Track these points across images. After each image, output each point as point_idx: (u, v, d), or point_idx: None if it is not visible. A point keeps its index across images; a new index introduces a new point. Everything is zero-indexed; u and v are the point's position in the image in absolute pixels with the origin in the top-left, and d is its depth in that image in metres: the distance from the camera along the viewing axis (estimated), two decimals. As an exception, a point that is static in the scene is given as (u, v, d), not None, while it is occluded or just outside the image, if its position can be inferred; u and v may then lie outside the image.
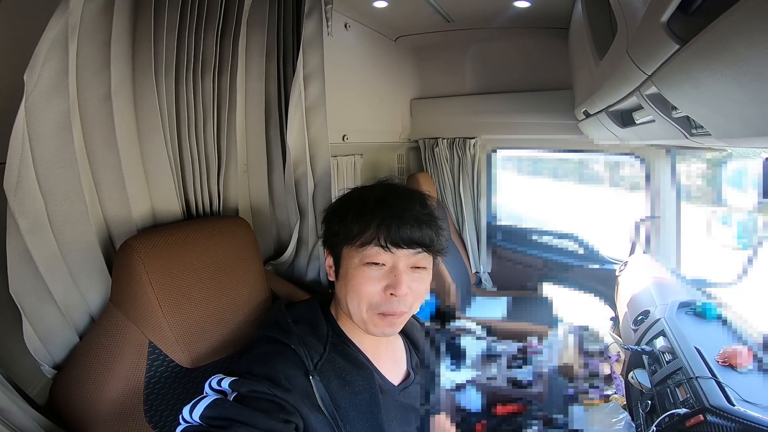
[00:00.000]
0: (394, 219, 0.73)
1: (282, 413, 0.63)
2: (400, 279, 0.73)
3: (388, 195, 0.78)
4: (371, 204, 0.76)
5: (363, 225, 0.74)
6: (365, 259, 0.74)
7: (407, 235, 0.73)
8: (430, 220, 0.76)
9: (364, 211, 0.75)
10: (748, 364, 1.05)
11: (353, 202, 0.79)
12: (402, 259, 0.74)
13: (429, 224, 0.76)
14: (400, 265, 0.74)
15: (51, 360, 0.80)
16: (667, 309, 1.39)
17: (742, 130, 0.62)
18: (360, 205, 0.76)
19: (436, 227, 0.77)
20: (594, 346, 1.64)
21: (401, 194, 0.79)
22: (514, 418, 1.46)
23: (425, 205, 0.79)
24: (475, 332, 1.95)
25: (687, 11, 0.53)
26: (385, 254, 0.73)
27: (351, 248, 0.75)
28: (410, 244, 0.73)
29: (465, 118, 2.67)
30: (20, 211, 0.68)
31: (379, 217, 0.73)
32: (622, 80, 0.94)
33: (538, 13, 2.08)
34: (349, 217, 0.76)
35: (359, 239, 0.74)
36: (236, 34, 0.99)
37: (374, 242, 0.73)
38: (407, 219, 0.73)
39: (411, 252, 0.74)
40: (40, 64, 0.65)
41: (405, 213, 0.74)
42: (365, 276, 0.74)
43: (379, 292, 0.74)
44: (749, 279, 1.61)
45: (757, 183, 1.62)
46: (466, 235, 2.78)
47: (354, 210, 0.76)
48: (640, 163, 2.24)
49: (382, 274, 0.74)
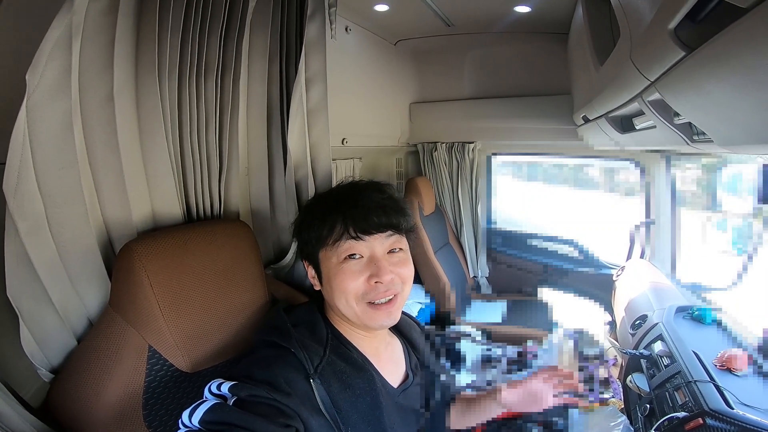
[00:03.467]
0: (358, 209, 0.77)
1: (282, 417, 0.63)
2: (381, 266, 0.76)
3: (345, 191, 0.82)
4: (333, 203, 0.80)
5: (331, 223, 0.77)
6: (342, 254, 0.76)
7: (374, 221, 0.76)
8: (392, 203, 0.80)
9: (328, 211, 0.79)
10: (745, 368, 1.06)
11: (315, 208, 0.83)
12: (377, 246, 0.77)
13: (392, 207, 0.79)
14: (377, 252, 0.77)
15: (48, 364, 0.78)
16: (665, 313, 1.40)
17: (746, 137, 0.62)
18: (323, 208, 0.80)
19: (399, 208, 0.80)
20: (591, 351, 1.64)
21: (358, 187, 0.83)
22: (512, 421, 1.45)
23: (383, 191, 0.82)
24: (474, 336, 1.94)
25: (695, 19, 0.53)
26: (359, 244, 0.76)
27: (326, 249, 0.78)
28: (379, 228, 0.76)
29: (464, 123, 2.68)
30: (19, 213, 0.67)
31: (343, 211, 0.77)
32: (624, 86, 0.95)
33: (539, 18, 2.10)
34: (316, 221, 0.79)
35: (331, 237, 0.77)
36: (239, 36, 0.99)
37: (345, 235, 0.76)
38: (369, 206, 0.77)
39: (383, 236, 0.77)
40: (43, 64, 0.64)
41: (366, 201, 0.78)
42: (346, 271, 0.76)
43: (363, 282, 0.76)
44: (745, 284, 1.62)
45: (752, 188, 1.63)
46: (464, 239, 2.79)
47: (318, 214, 0.80)
48: (636, 168, 2.25)
49: (363, 266, 0.77)
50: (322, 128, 1.15)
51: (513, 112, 2.52)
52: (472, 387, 1.60)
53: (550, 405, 0.95)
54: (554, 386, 0.95)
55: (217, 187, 1.01)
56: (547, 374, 0.97)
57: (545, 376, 0.97)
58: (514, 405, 0.97)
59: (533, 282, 2.61)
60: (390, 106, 2.64)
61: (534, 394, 0.96)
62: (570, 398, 0.95)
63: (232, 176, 1.05)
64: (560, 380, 0.96)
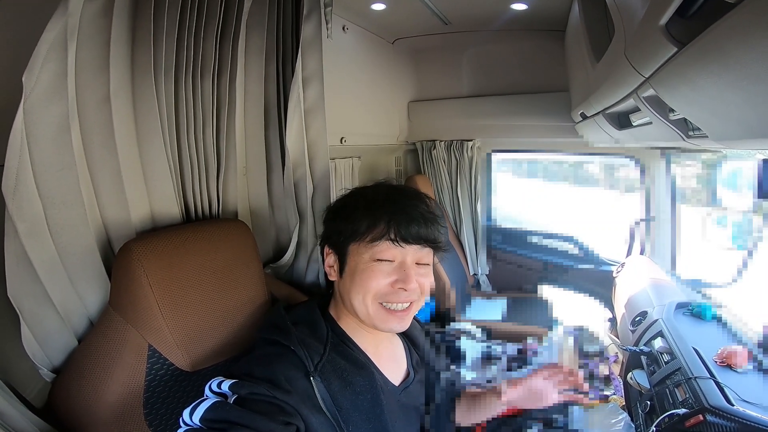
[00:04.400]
0: (403, 215, 0.76)
1: (282, 415, 0.63)
2: (409, 273, 0.76)
3: (394, 193, 0.81)
4: (380, 201, 0.79)
5: (372, 221, 0.77)
6: (376, 255, 0.76)
7: (416, 232, 0.76)
8: (435, 218, 0.80)
9: (373, 208, 0.78)
10: (745, 364, 1.06)
11: (359, 200, 0.81)
12: (409, 254, 0.77)
13: (434, 222, 0.79)
14: (408, 261, 0.77)
15: (50, 364, 0.79)
16: (665, 310, 1.40)
17: (740, 132, 0.62)
18: (368, 203, 0.79)
19: (438, 225, 0.81)
20: (592, 348, 1.64)
21: (406, 193, 0.82)
22: (513, 419, 1.46)
23: (428, 204, 0.82)
24: (474, 334, 1.95)
25: (685, 15, 0.53)
26: (395, 250, 0.76)
27: (359, 245, 0.78)
28: (418, 241, 0.77)
29: (462, 121, 2.68)
30: (18, 214, 0.67)
31: (389, 214, 0.76)
32: (619, 83, 0.95)
33: (535, 15, 2.10)
34: (357, 214, 0.78)
35: (369, 235, 0.77)
36: (236, 36, 0.99)
37: (385, 237, 0.76)
38: (415, 216, 0.77)
39: (418, 248, 0.78)
40: (39, 66, 0.64)
41: (413, 210, 0.77)
42: (375, 270, 0.76)
43: (387, 285, 0.76)
44: (745, 279, 1.62)
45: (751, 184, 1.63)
46: (463, 237, 2.79)
47: (362, 207, 0.79)
48: (635, 165, 2.25)
49: (391, 270, 0.77)
50: (320, 127, 1.16)
51: (511, 109, 2.51)
52: (473, 385, 1.60)
53: (553, 402, 0.95)
54: (558, 383, 0.96)
55: (215, 187, 1.02)
56: (549, 372, 0.97)
57: (547, 373, 0.97)
58: (517, 402, 0.98)
59: (533, 279, 2.61)
60: (388, 104, 2.63)
61: (536, 391, 0.96)
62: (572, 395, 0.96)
63: (230, 176, 1.06)
64: (563, 377, 0.96)
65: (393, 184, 0.87)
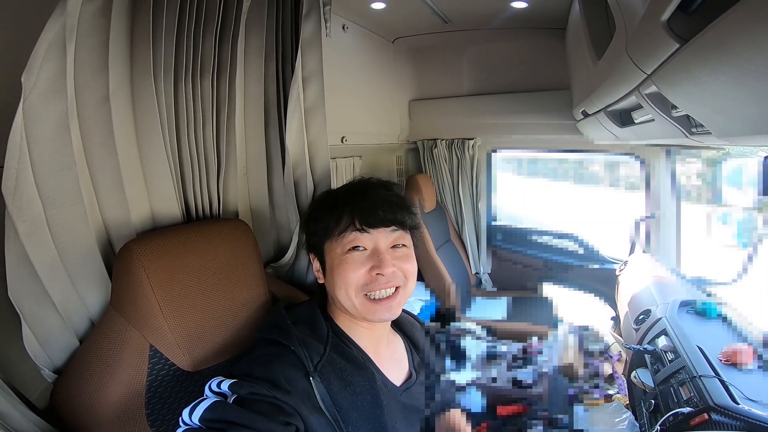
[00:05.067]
0: (365, 202, 0.80)
1: (282, 415, 0.63)
2: (384, 258, 0.77)
3: (354, 186, 0.85)
4: (342, 196, 0.83)
5: (338, 216, 0.80)
6: (346, 246, 0.78)
7: (379, 215, 0.78)
8: (398, 200, 0.83)
9: (336, 204, 0.81)
10: (750, 363, 1.06)
11: (324, 201, 0.86)
12: (381, 239, 0.79)
13: (398, 203, 0.82)
14: (381, 245, 0.79)
15: (51, 364, 0.79)
16: (668, 308, 1.39)
17: (743, 128, 0.62)
18: (332, 201, 0.83)
19: (405, 205, 0.83)
20: (595, 346, 1.63)
21: (367, 183, 0.86)
22: (517, 418, 1.45)
23: (390, 188, 0.86)
24: (476, 333, 1.94)
25: (687, 10, 0.53)
26: (363, 237, 0.78)
27: (332, 241, 0.80)
28: (384, 223, 0.79)
29: (463, 119, 2.67)
30: (18, 214, 0.67)
31: (351, 204, 0.80)
32: (621, 80, 0.94)
33: (535, 13, 2.09)
34: (325, 214, 0.82)
35: (337, 229, 0.79)
36: (235, 36, 0.99)
37: (351, 227, 0.78)
38: (377, 201, 0.80)
39: (388, 230, 0.80)
40: (38, 66, 0.64)
41: (374, 196, 0.81)
42: (349, 262, 0.78)
43: (365, 274, 0.77)
44: (749, 277, 1.61)
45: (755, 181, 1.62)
46: (465, 236, 2.78)
47: (327, 206, 0.83)
48: (638, 163, 2.24)
49: (366, 257, 0.78)
50: (320, 126, 1.15)
51: (512, 107, 2.51)
52: (476, 384, 1.60)
53: None
54: None
55: (216, 187, 1.01)
56: None
57: None
58: None
59: (536, 278, 2.61)
60: (389, 103, 2.63)
61: None
62: None
63: (231, 175, 1.05)
64: None
65: (361, 179, 0.89)
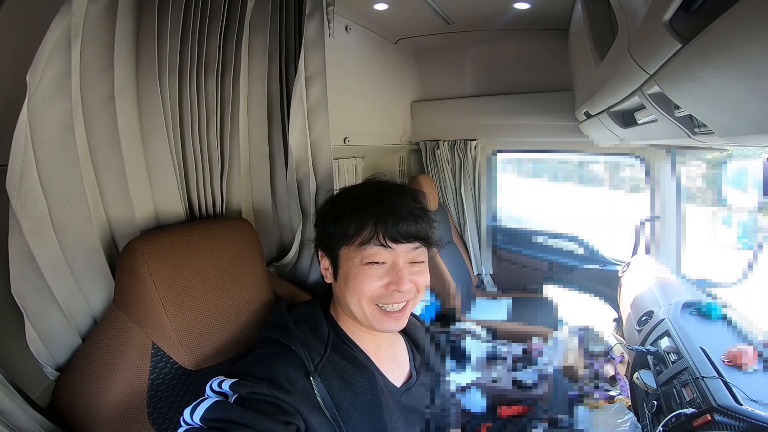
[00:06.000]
0: (390, 215, 0.74)
1: (282, 415, 0.63)
2: (402, 275, 0.75)
3: (380, 192, 0.79)
4: (366, 202, 0.77)
5: (360, 224, 0.75)
6: (366, 258, 0.75)
7: (405, 230, 0.74)
8: (424, 213, 0.78)
9: (359, 210, 0.76)
10: (753, 364, 1.05)
11: (346, 201, 0.80)
12: (401, 255, 0.76)
13: (423, 218, 0.77)
14: (400, 262, 0.76)
15: (53, 362, 0.79)
16: (671, 309, 1.39)
17: (746, 127, 0.62)
18: (354, 205, 0.77)
19: (429, 220, 0.79)
20: (597, 348, 1.63)
21: (393, 190, 0.80)
22: (518, 419, 1.45)
23: (417, 199, 0.80)
24: (478, 334, 1.93)
25: (689, 10, 0.52)
26: (385, 252, 0.74)
27: (350, 248, 0.76)
28: (408, 239, 0.75)
29: (465, 121, 2.67)
30: (23, 212, 0.68)
31: (375, 215, 0.74)
32: (624, 80, 0.94)
33: (538, 14, 2.09)
34: (345, 217, 0.76)
35: (358, 238, 0.75)
36: (239, 36, 1.00)
37: (373, 240, 0.74)
38: (403, 214, 0.75)
39: (410, 247, 0.76)
40: (43, 65, 0.65)
41: (400, 208, 0.75)
42: (367, 274, 0.75)
43: (381, 288, 0.75)
44: (752, 279, 1.60)
45: (757, 183, 1.61)
46: (467, 237, 2.78)
47: (348, 210, 0.77)
48: (640, 164, 2.24)
49: (384, 272, 0.75)
50: (323, 126, 1.16)
51: (515, 109, 2.51)
52: (477, 385, 1.59)
53: None
54: None
55: (219, 186, 1.02)
56: None
57: None
58: None
59: (538, 279, 2.60)
60: (391, 104, 2.63)
61: None
62: None
63: (234, 174, 1.06)
64: None
65: (381, 180, 0.84)
